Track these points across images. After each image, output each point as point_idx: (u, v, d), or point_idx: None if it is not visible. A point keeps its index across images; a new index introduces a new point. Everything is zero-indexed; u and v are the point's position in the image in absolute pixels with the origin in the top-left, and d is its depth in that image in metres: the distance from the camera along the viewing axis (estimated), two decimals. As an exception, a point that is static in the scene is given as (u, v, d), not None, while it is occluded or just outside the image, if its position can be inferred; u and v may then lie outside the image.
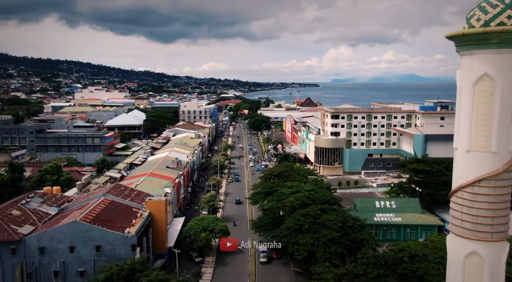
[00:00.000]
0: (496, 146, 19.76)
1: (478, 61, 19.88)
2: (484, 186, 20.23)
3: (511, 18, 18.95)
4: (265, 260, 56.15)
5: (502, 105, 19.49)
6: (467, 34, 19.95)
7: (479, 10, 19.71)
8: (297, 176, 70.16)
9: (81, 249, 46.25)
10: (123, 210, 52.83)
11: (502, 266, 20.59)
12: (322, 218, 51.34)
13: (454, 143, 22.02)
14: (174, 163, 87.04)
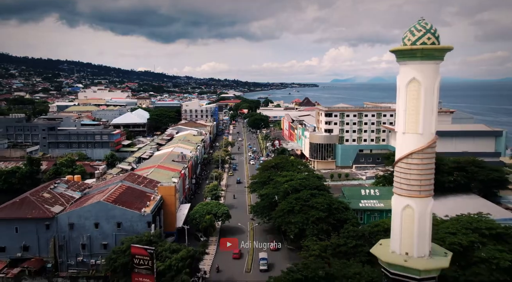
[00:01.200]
0: (422, 129, 27.93)
1: (409, 69, 28.07)
2: (414, 158, 28.38)
3: (430, 39, 27.11)
4: (265, 268, 54.93)
5: (425, 100, 27.67)
6: (401, 50, 28.15)
7: (409, 33, 27.91)
8: (291, 167, 78.53)
9: (104, 225, 54.48)
10: (138, 194, 61.07)
11: (428, 215, 28.76)
12: (311, 201, 59.67)
13: (396, 127, 30.23)
14: (179, 157, 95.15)
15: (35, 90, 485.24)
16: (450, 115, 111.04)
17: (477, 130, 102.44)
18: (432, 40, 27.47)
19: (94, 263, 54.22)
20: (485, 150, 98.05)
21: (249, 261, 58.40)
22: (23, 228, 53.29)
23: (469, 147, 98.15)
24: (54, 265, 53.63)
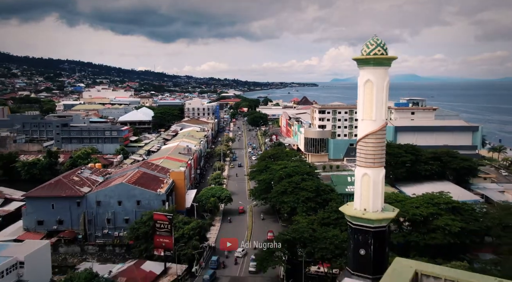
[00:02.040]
0: (375, 117, 38.15)
1: (366, 72, 38.28)
2: (370, 138, 38.63)
3: (380, 51, 37.29)
4: (253, 270, 54.91)
5: (377, 96, 37.89)
6: (359, 58, 38.37)
7: (365, 46, 38.07)
8: (286, 157, 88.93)
9: (126, 203, 64.76)
10: (152, 178, 71.37)
11: (380, 181, 38.95)
12: (302, 184, 69.98)
13: (357, 115, 40.50)
14: (185, 150, 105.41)
15: (38, 90, 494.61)
16: (433, 112, 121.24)
17: (456, 125, 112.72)
18: (381, 52, 37.65)
19: (118, 235, 64.51)
20: (463, 144, 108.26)
21: (248, 235, 68.73)
22: (58, 205, 63.59)
23: (448, 141, 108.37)
24: (84, 236, 63.91)
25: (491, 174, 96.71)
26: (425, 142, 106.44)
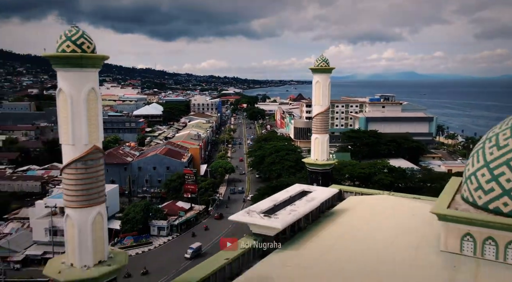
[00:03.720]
0: (322, 103, 64.76)
1: (316, 76, 64.85)
2: (319, 116, 65.16)
3: (324, 64, 63.74)
4: (188, 256, 59.95)
5: (323, 90, 64.44)
6: (312, 68, 64.79)
7: (315, 60, 64.58)
8: (276, 139, 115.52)
9: (159, 168, 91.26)
10: (176, 152, 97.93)
11: (325, 141, 65.35)
12: (286, 156, 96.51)
13: (312, 102, 67.05)
14: (195, 136, 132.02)
15: (45, 87, 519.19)
16: (399, 106, 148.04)
17: (416, 116, 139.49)
18: (325, 64, 63.88)
19: (153, 191, 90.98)
20: (421, 131, 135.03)
21: (247, 191, 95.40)
22: (111, 169, 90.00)
23: (410, 129, 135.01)
24: (129, 192, 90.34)
25: (439, 154, 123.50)
26: (390, 130, 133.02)
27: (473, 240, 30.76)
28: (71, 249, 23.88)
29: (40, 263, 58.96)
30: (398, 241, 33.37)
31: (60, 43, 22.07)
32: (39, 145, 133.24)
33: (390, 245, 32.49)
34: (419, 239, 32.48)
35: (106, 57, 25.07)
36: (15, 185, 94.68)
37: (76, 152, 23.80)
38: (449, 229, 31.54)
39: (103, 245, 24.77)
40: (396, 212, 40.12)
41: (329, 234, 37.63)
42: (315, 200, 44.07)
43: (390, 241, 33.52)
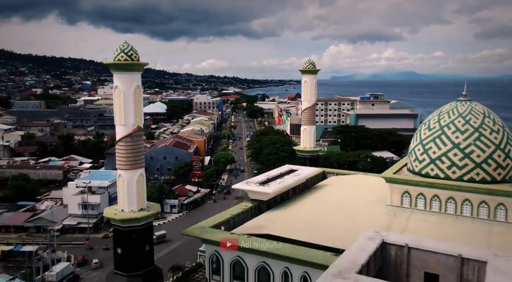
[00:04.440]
0: (309, 99, 77.36)
1: (304, 77, 77.38)
2: (308, 110, 77.64)
3: (310, 67, 76.07)
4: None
5: (310, 89, 76.93)
6: (302, 70, 77.31)
7: (304, 64, 77.13)
8: (273, 133, 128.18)
9: (168, 157, 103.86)
10: (183, 144, 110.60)
11: (312, 132, 77.74)
12: (282, 148, 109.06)
13: (302, 99, 79.59)
14: (199, 131, 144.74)
15: (47, 87, 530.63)
16: (388, 104, 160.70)
17: (402, 113, 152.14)
18: (311, 67, 76.58)
19: (163, 178, 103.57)
20: (407, 127, 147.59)
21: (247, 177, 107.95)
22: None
23: (396, 125, 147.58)
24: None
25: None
26: (378, 125, 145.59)
27: (409, 196, 44.26)
28: (122, 199, 37.88)
29: (75, 231, 71.59)
30: (360, 201, 47.18)
31: (117, 54, 35.58)
32: (55, 140, 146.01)
33: (353, 204, 46.40)
34: (375, 199, 46.28)
35: (146, 64, 39.52)
36: (40, 173, 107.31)
37: (126, 130, 38.22)
38: (393, 189, 45.04)
39: (143, 197, 39.18)
40: (364, 185, 53.56)
41: (309, 200, 51.60)
42: (300, 175, 57.67)
43: (354, 202, 47.48)
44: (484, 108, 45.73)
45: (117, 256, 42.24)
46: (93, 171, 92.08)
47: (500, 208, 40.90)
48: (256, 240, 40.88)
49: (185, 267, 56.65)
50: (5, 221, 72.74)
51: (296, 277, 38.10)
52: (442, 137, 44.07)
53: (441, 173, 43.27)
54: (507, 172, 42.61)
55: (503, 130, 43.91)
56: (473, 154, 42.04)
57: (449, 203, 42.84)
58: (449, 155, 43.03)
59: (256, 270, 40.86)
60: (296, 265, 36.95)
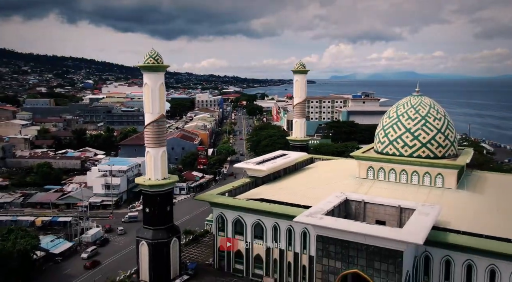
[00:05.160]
0: (300, 95, 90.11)
1: (296, 76, 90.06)
2: (298, 105, 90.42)
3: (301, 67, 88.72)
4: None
5: (301, 86, 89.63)
6: (294, 70, 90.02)
7: (295, 65, 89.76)
8: (270, 128, 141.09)
9: (176, 148, 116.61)
10: (189, 136, 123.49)
11: (303, 125, 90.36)
12: (278, 140, 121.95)
13: (294, 95, 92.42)
14: (202, 126, 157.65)
15: (51, 86, 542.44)
16: (377, 102, 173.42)
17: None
18: (302, 68, 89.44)
19: (172, 166, 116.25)
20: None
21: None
22: (138, 149, 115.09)
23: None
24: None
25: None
26: (368, 121, 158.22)
27: (373, 169, 57.74)
28: (149, 170, 53.31)
29: (99, 208, 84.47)
30: (337, 176, 60.77)
31: (146, 59, 50.80)
32: (69, 134, 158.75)
33: (331, 178, 60.09)
34: (349, 175, 59.75)
35: (168, 66, 54.22)
36: (60, 163, 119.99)
37: (153, 117, 53.08)
38: (360, 165, 58.51)
39: (165, 169, 53.53)
40: (342, 166, 66.98)
41: (297, 177, 65.54)
42: (290, 158, 71.17)
43: (332, 177, 61.21)
44: (430, 101, 59.14)
45: (145, 214, 55.96)
46: (111, 158, 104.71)
47: (439, 177, 54.49)
48: (252, 202, 54.45)
49: (195, 232, 69.87)
50: (40, 198, 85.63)
51: (283, 230, 51.64)
52: (398, 123, 57.55)
53: (397, 151, 56.69)
54: (446, 150, 56.06)
55: (444, 118, 57.36)
56: (420, 136, 55.46)
57: (402, 174, 56.37)
58: (403, 137, 56.45)
59: (253, 225, 54.36)
60: (283, 220, 50.54)
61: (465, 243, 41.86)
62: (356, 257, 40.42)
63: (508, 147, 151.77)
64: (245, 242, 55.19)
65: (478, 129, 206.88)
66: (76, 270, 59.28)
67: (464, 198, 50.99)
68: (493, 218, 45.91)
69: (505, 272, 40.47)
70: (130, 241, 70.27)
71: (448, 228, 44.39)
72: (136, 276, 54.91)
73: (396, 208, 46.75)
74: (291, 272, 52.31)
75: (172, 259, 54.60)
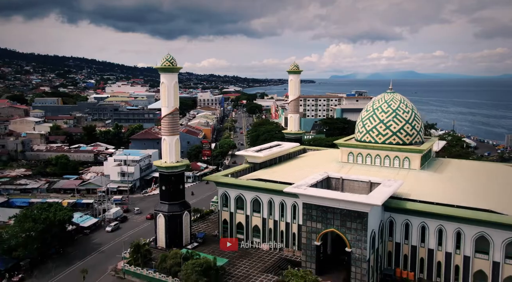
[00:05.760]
0: (293, 93, 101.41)
1: (290, 76, 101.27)
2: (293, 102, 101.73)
3: (295, 68, 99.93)
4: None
5: (296, 85, 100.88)
6: (289, 70, 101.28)
7: (290, 66, 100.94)
8: (268, 124, 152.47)
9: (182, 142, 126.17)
10: (193, 131, 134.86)
11: (296, 119, 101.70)
12: (275, 135, 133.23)
13: (288, 93, 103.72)
14: (205, 123, 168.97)
15: (53, 86, 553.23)
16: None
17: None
18: (296, 69, 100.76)
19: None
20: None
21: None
22: (147, 142, 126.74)
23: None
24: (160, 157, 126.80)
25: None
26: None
27: (352, 155, 69.22)
28: (165, 154, 65.61)
29: (115, 193, 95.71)
30: (324, 162, 71.96)
31: (163, 62, 63.76)
32: (80, 130, 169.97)
33: (318, 163, 71.19)
34: (334, 160, 70.87)
35: (181, 67, 66.03)
36: (74, 156, 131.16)
37: (168, 110, 65.35)
38: (342, 151, 69.96)
39: (178, 154, 65.74)
40: (331, 154, 78.00)
41: (290, 163, 76.85)
42: (284, 147, 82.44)
43: (320, 163, 72.40)
44: (401, 97, 70.50)
45: (162, 191, 67.35)
46: (125, 150, 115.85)
47: (406, 160, 65.97)
48: (251, 181, 65.78)
49: (202, 211, 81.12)
50: (64, 185, 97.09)
51: (277, 204, 62.87)
52: (373, 116, 68.87)
53: (372, 139, 68.02)
54: (413, 138, 67.46)
55: (412, 111, 68.75)
56: (391, 126, 66.83)
57: (376, 158, 67.68)
58: (377, 127, 67.80)
59: (251, 201, 65.47)
60: (276, 195, 61.77)
61: (420, 208, 53.19)
62: (333, 219, 51.69)
63: (490, 142, 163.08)
64: (245, 215, 66.61)
65: (468, 126, 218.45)
66: (102, 239, 70.71)
67: (424, 176, 62.29)
68: (445, 190, 57.13)
69: (449, 230, 51.75)
70: (145, 219, 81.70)
71: (409, 198, 55.65)
72: (153, 243, 66.16)
73: (367, 182, 58.07)
74: (283, 238, 63.58)
75: (184, 228, 65.94)
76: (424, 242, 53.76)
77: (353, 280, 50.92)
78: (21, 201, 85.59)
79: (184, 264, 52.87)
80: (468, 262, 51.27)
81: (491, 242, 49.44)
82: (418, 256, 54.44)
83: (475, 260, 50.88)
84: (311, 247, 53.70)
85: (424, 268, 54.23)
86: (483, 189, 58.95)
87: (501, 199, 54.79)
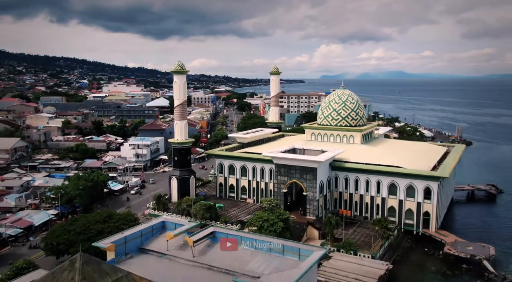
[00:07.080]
0: (274, 89, 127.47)
1: (272, 76, 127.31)
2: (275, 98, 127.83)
3: (275, 70, 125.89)
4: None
5: (276, 84, 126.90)
6: (271, 72, 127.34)
7: (272, 68, 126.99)
8: (255, 117, 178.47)
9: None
10: (192, 123, 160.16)
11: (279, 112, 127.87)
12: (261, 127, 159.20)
13: (270, 90, 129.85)
14: (200, 118, 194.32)
15: (47, 86, 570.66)
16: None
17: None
18: (275, 71, 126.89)
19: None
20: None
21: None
22: (153, 133, 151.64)
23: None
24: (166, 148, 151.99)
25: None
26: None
27: (314, 135, 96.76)
28: (176, 133, 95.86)
29: (132, 171, 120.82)
30: (295, 142, 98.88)
31: (176, 66, 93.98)
32: (89, 124, 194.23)
33: (290, 142, 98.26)
34: (302, 140, 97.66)
35: (188, 70, 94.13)
36: (89, 145, 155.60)
37: (180, 101, 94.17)
38: (307, 132, 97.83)
39: (186, 133, 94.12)
40: (302, 137, 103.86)
41: (270, 144, 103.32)
42: (266, 132, 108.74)
43: (292, 142, 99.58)
44: (350, 92, 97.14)
45: (174, 161, 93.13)
46: (136, 138, 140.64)
47: (351, 138, 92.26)
48: (240, 154, 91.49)
49: (203, 180, 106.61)
50: (89, 164, 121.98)
51: (258, 169, 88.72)
52: (329, 106, 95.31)
53: (328, 123, 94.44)
54: (357, 122, 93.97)
55: (356, 102, 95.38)
56: (341, 113, 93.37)
57: (331, 137, 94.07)
58: (332, 114, 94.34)
59: (240, 168, 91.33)
60: (258, 163, 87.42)
61: (353, 166, 79.49)
62: (294, 173, 77.64)
63: (447, 133, 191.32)
64: (235, 179, 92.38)
65: (434, 121, 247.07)
66: (129, 199, 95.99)
67: (362, 148, 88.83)
68: (372, 156, 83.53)
69: (373, 181, 78.14)
70: (158, 187, 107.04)
71: (348, 161, 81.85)
72: (168, 199, 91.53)
73: (319, 151, 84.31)
74: (263, 194, 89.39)
75: (191, 188, 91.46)
76: (357, 190, 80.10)
77: (308, 213, 76.97)
78: (59, 175, 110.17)
79: (194, 205, 78.52)
80: (385, 201, 77.75)
81: (398, 187, 76.01)
82: (353, 200, 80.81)
83: (388, 200, 77.43)
84: (281, 193, 79.69)
85: (357, 207, 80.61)
86: (400, 155, 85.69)
87: (410, 161, 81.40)
